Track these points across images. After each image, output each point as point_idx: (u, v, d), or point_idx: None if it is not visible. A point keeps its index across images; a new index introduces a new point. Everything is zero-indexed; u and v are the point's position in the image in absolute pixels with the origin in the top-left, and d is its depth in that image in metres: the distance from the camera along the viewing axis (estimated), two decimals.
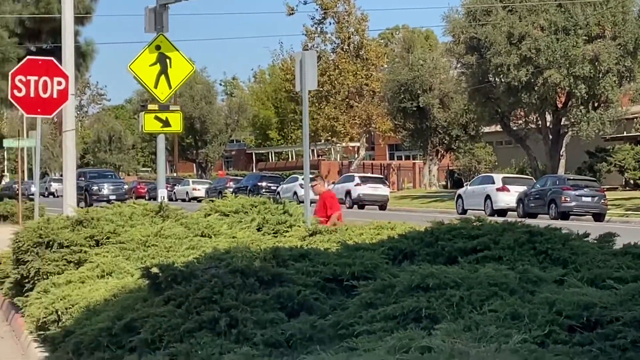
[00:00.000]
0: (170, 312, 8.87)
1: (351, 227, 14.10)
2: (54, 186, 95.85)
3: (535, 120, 68.50)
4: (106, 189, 69.54)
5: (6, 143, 49.01)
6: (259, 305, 8.75)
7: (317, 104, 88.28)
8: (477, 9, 64.39)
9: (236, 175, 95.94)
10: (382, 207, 64.82)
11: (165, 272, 9.59)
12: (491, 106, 67.30)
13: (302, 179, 57.43)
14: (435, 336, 6.54)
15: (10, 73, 21.71)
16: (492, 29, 61.85)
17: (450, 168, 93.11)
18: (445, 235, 10.42)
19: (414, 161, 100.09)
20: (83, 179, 69.95)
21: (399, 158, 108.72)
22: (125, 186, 71.62)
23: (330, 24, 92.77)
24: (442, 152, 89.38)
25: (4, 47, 41.61)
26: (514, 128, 71.34)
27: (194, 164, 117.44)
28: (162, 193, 21.72)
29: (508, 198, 53.16)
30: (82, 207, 22.55)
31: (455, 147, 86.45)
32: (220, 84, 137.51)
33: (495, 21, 62.36)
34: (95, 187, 69.41)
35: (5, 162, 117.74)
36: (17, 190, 46.65)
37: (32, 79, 21.23)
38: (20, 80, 21.35)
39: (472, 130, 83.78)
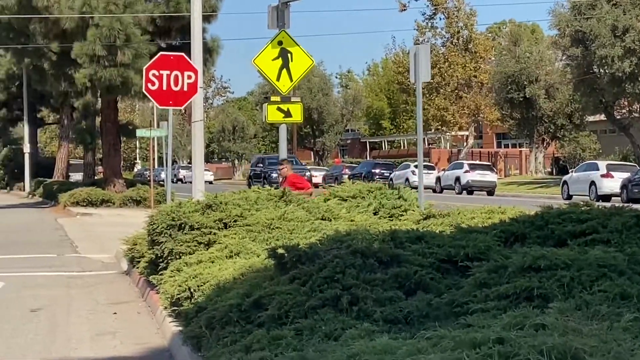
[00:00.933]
0: (295, 290, 8.88)
1: (463, 212, 13.94)
2: (182, 173, 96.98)
3: (638, 109, 67.40)
4: None
5: (139, 133, 49.52)
6: (378, 284, 8.72)
7: (427, 95, 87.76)
8: (582, 3, 63.33)
9: (351, 163, 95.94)
10: (490, 192, 64.24)
11: (291, 253, 9.60)
12: (595, 96, 66.07)
13: (414, 166, 57.28)
14: (548, 314, 6.46)
15: (144, 68, 22.00)
16: (597, 22, 60.77)
17: (555, 155, 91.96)
18: (555, 219, 10.27)
19: (520, 149, 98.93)
20: (261, 165, 68.72)
21: (506, 146, 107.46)
22: (308, 173, 66.21)
23: (440, 19, 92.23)
24: (548, 140, 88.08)
25: (138, 44, 42.21)
26: (618, 117, 70.12)
27: (312, 152, 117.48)
28: None
29: (612, 184, 52.16)
30: None
31: (560, 136, 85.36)
32: (336, 77, 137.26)
33: (599, 14, 61.26)
34: (274, 175, 63.10)
35: (137, 151, 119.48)
36: (149, 177, 47.38)
37: (165, 73, 21.39)
38: (153, 75, 21.55)
39: (576, 119, 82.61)
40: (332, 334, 7.96)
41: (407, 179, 65.61)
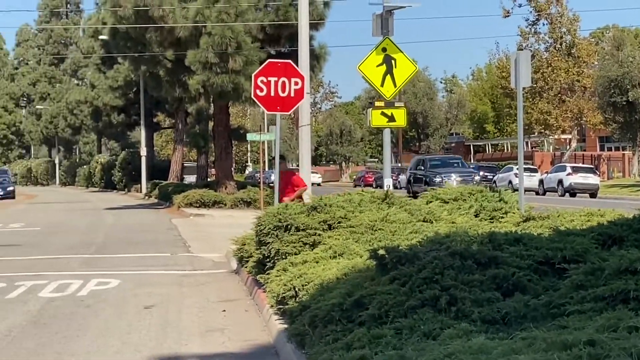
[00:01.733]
0: (395, 290, 8.83)
1: (563, 214, 13.74)
2: None
3: None
4: (453, 180, 52.14)
5: (249, 137, 49.95)
6: (476, 285, 8.62)
7: (531, 99, 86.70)
8: None
9: None
10: (593, 195, 63.12)
11: (391, 254, 9.54)
12: None
13: (517, 168, 56.13)
14: None
15: (253, 75, 22.12)
16: None
17: None
18: None
19: (623, 152, 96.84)
20: (422, 168, 61.35)
21: (609, 149, 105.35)
22: (477, 177, 59.24)
23: (543, 25, 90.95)
24: None
25: (248, 51, 42.51)
26: None
27: (417, 155, 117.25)
28: (388, 182, 21.69)
29: None
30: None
31: None
32: (441, 82, 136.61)
33: None
34: (437, 179, 55.01)
35: (248, 154, 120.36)
36: (259, 179, 47.62)
37: (272, 79, 21.38)
38: (262, 81, 21.58)
39: None
40: (431, 333, 7.90)
41: (510, 182, 64.88)
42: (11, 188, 77.13)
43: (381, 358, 7.43)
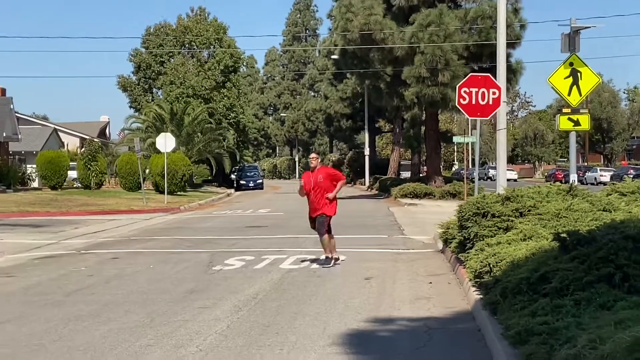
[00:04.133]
0: (575, 267, 8.66)
1: None
2: (491, 172, 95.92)
3: None
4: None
5: (455, 139, 49.46)
6: None
7: None
8: None
9: (636, 165, 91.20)
10: None
11: (572, 237, 9.34)
12: None
13: None
14: None
15: (457, 86, 22.05)
16: None
17: None
18: None
19: None
20: None
21: None
22: None
23: None
24: None
25: (454, 67, 42.26)
26: None
27: (601, 156, 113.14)
28: (573, 177, 21.03)
29: None
30: None
31: None
32: (624, 92, 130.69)
33: None
34: None
35: (455, 154, 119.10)
36: (463, 175, 47.32)
37: (474, 90, 21.12)
38: (465, 92, 21.39)
39: None
40: (605, 304, 7.73)
41: None
42: (260, 181, 79.54)
43: (561, 324, 7.34)
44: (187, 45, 76.37)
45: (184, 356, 8.54)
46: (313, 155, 17.62)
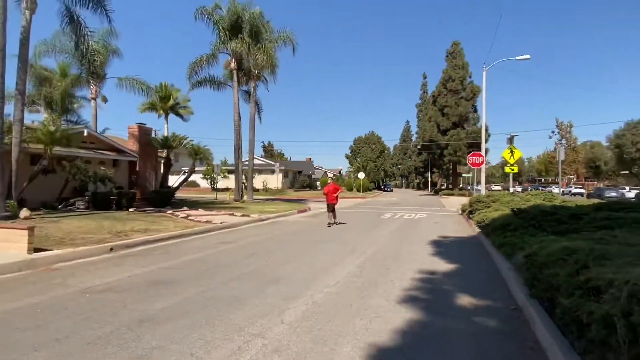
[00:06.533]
0: (520, 221, 15.32)
1: None
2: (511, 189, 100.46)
3: None
4: None
5: (464, 175, 69.94)
6: (550, 221, 14.63)
7: None
8: None
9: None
10: None
11: (517, 210, 16.48)
12: None
13: None
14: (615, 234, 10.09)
15: (467, 156, 31.07)
16: None
17: None
18: None
19: None
20: None
21: None
22: None
23: None
24: None
25: (462, 151, 67.14)
26: None
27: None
28: (512, 189, 30.83)
29: None
30: None
31: None
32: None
33: None
34: None
35: (461, 181, 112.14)
36: (473, 188, 54.08)
37: (472, 157, 31.89)
38: (469, 158, 31.94)
39: None
40: (534, 235, 14.13)
41: None
42: (392, 189, 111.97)
43: (517, 240, 13.22)
44: None
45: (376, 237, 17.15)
46: (330, 176, 32.48)
